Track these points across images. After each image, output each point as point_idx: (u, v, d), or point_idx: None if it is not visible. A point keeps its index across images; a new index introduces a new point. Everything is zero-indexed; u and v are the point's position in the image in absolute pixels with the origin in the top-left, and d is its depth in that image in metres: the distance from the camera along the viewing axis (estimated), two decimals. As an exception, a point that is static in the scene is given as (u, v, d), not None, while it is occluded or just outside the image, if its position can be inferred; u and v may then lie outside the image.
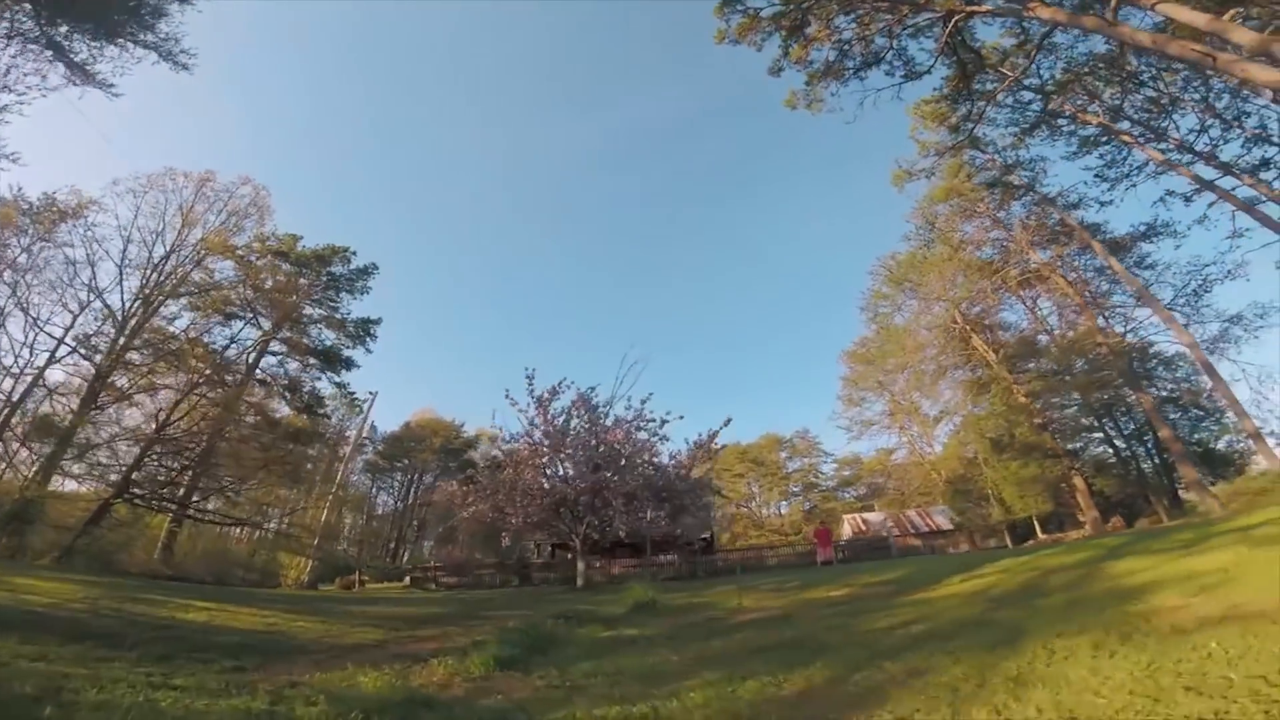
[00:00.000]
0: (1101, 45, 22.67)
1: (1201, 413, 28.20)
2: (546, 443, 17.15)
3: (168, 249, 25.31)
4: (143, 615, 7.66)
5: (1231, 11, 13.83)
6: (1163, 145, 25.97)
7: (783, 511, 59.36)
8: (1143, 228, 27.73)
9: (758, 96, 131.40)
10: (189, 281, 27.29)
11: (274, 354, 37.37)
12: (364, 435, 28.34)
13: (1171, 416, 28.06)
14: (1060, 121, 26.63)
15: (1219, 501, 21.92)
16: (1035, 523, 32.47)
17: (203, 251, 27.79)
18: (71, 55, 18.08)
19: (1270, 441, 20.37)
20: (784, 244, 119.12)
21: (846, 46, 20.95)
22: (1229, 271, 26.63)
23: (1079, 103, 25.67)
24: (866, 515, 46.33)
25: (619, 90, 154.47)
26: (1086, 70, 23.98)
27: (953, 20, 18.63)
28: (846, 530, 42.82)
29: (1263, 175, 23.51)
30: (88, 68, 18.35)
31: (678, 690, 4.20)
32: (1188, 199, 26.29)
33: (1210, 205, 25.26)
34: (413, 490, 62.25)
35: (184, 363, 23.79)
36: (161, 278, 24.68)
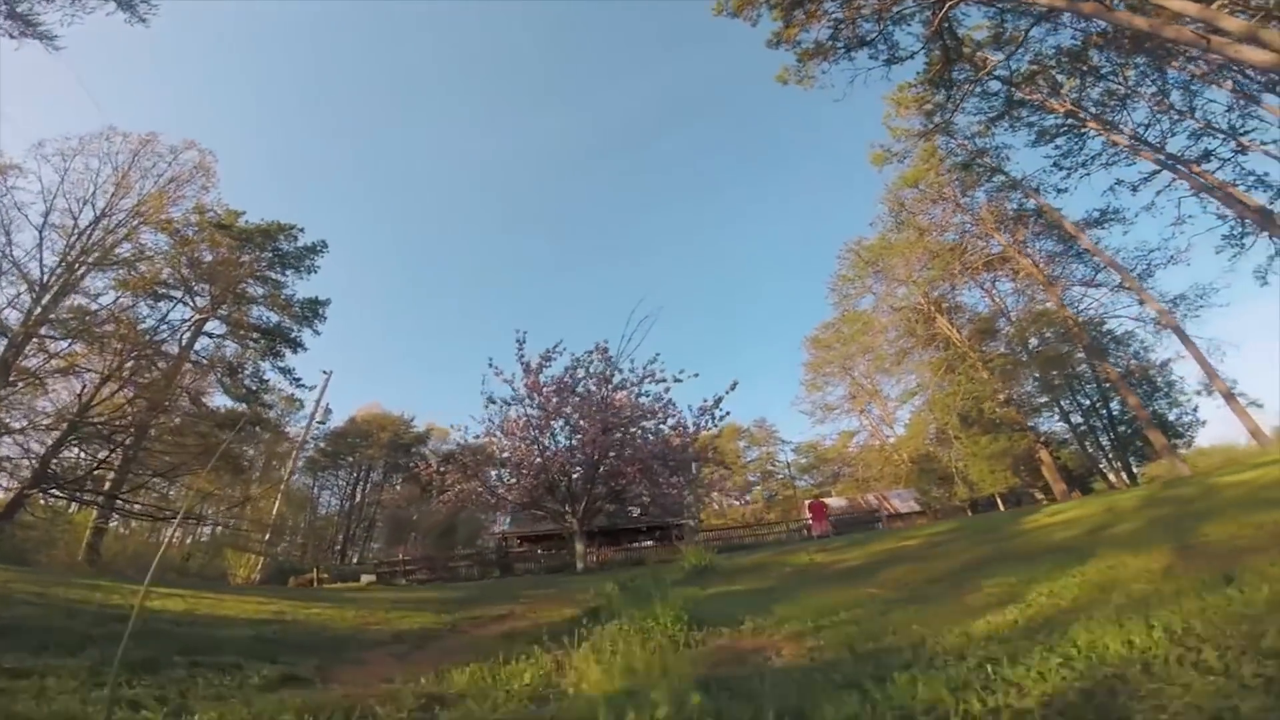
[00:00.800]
0: (1068, 39, 23.56)
1: (1151, 386, 29.61)
2: (537, 413, 15.63)
3: (97, 214, 22.08)
4: (83, 602, 5.76)
5: (1219, 1, 14.61)
6: (1114, 137, 26.93)
7: (744, 501, 59.30)
8: (1096, 214, 28.87)
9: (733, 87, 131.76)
10: (115, 255, 23.94)
11: (211, 335, 34.12)
12: (318, 417, 25.58)
13: (1131, 388, 29.38)
14: (1022, 111, 27.37)
15: (1187, 466, 22.88)
16: (999, 500, 33.39)
17: (136, 220, 24.55)
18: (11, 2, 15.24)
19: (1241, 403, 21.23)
20: (746, 238, 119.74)
21: (838, 26, 20.98)
22: (1171, 256, 28.09)
23: (1042, 94, 26.33)
24: (826, 500, 46.94)
25: (599, 77, 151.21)
26: (1052, 63, 24.79)
27: (946, 5, 18.67)
28: (808, 513, 43.09)
29: (1205, 166, 24.72)
30: (29, 17, 15.51)
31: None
32: (1134, 188, 27.51)
33: (1158, 193, 26.40)
34: (359, 489, 58.49)
35: (108, 342, 20.72)
36: (88, 244, 21.47)
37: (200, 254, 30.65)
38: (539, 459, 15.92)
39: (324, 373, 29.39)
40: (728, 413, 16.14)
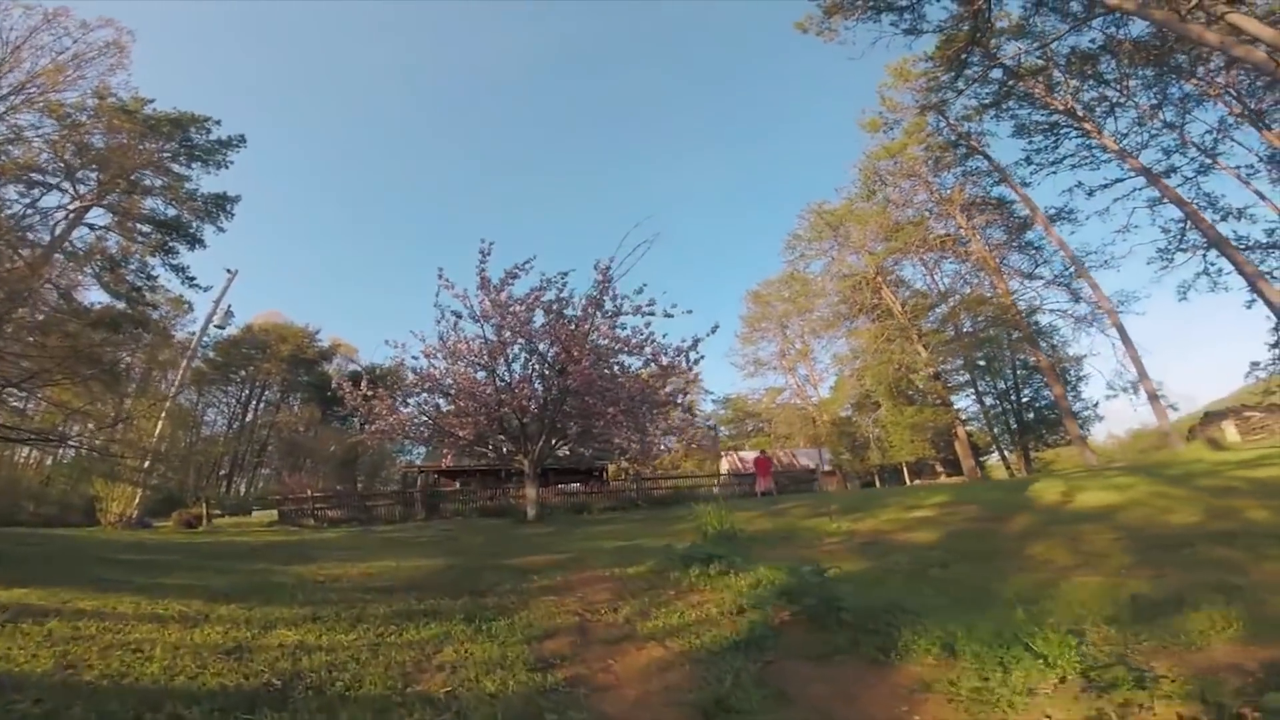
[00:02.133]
0: (1086, 42, 23.75)
1: (1064, 378, 31.40)
2: (494, 335, 13.18)
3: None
4: None
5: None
6: (1104, 139, 27.16)
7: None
8: (1053, 211, 29.52)
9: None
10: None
11: (93, 226, 28.52)
12: (216, 320, 21.36)
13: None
14: (1011, 103, 27.26)
15: (1095, 455, 24.30)
16: (904, 470, 34.87)
17: (18, 98, 19.90)
18: None
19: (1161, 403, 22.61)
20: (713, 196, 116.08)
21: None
22: (1105, 261, 29.43)
23: (1042, 89, 26.09)
24: (742, 454, 47.59)
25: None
26: (1061, 62, 24.72)
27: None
28: (725, 466, 43.43)
29: (1168, 180, 25.45)
30: None
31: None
32: (1091, 192, 28.43)
33: (1115, 200, 27.12)
34: (252, 408, 52.46)
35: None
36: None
37: (90, 138, 26.35)
38: (491, 390, 13.60)
39: (228, 271, 24.75)
40: (702, 356, 14.45)
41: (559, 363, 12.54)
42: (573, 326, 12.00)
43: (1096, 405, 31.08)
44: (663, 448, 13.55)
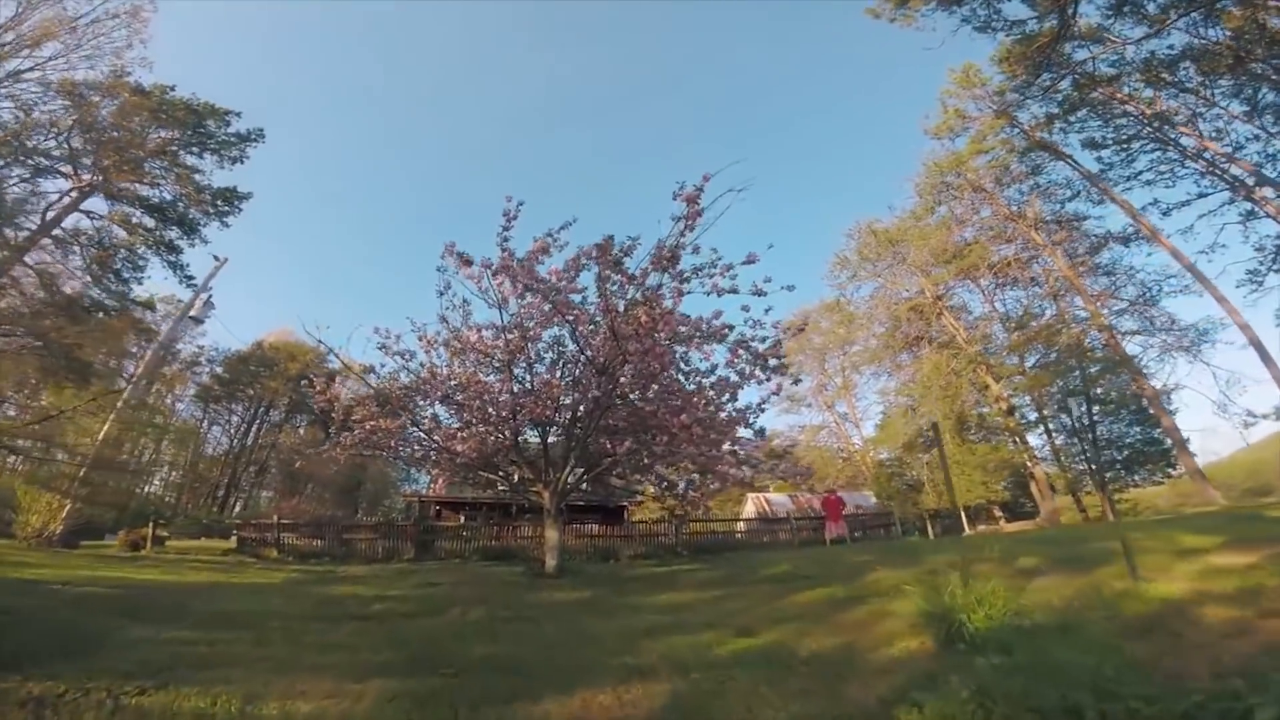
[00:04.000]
0: (1165, 48, 21.27)
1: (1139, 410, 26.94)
2: (519, 326, 9.39)
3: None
4: None
5: None
6: (1206, 142, 23.80)
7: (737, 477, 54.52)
8: (1131, 230, 25.77)
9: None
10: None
11: (90, 213, 26.07)
12: (195, 310, 17.87)
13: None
14: (1077, 115, 24.25)
15: (1219, 493, 19.79)
16: (963, 514, 30.06)
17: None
18: None
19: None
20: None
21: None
22: (1185, 286, 25.46)
23: (1124, 96, 22.96)
24: (769, 496, 42.77)
25: None
26: (1140, 69, 22.00)
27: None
28: (750, 509, 38.73)
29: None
30: None
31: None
32: (1166, 212, 24.96)
33: (1200, 217, 23.45)
34: (255, 427, 48.91)
35: None
36: None
37: (98, 117, 23.75)
38: (505, 395, 9.72)
39: (216, 259, 21.49)
40: (782, 360, 10.28)
41: (606, 355, 8.63)
42: (635, 294, 7.98)
43: (1187, 440, 26.54)
44: (736, 477, 9.40)
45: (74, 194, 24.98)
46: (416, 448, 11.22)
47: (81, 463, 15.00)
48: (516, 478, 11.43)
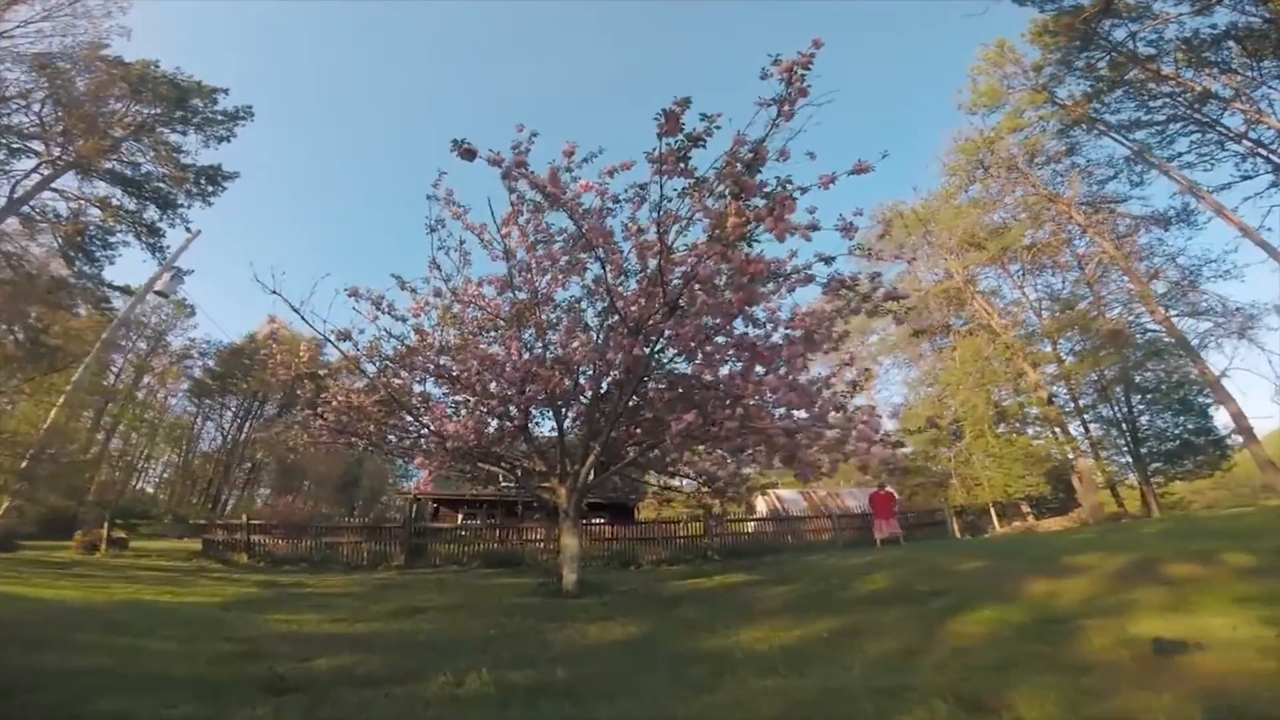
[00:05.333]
0: (1207, 27, 19.50)
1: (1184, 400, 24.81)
2: (535, 273, 7.18)
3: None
4: None
5: None
6: (1208, 135, 22.24)
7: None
8: (1172, 211, 23.75)
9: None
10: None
11: (64, 192, 23.98)
12: (161, 284, 15.53)
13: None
14: (1113, 96, 22.59)
15: None
16: (992, 512, 27.94)
17: None
18: None
19: None
20: None
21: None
22: (1226, 271, 23.47)
23: (1173, 74, 21.17)
24: (780, 493, 40.44)
25: None
26: (1181, 48, 20.34)
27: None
28: (761, 508, 36.45)
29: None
30: None
31: None
32: (1186, 209, 23.30)
33: (1245, 200, 21.59)
34: (249, 422, 46.61)
35: None
36: None
37: (74, 89, 21.86)
38: (510, 366, 7.50)
39: (188, 231, 19.34)
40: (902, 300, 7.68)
41: (652, 301, 6.36)
42: (718, 197, 5.55)
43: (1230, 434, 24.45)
44: (819, 466, 7.12)
45: (45, 170, 22.81)
46: (404, 434, 8.99)
47: (20, 453, 12.75)
48: (522, 471, 9.22)
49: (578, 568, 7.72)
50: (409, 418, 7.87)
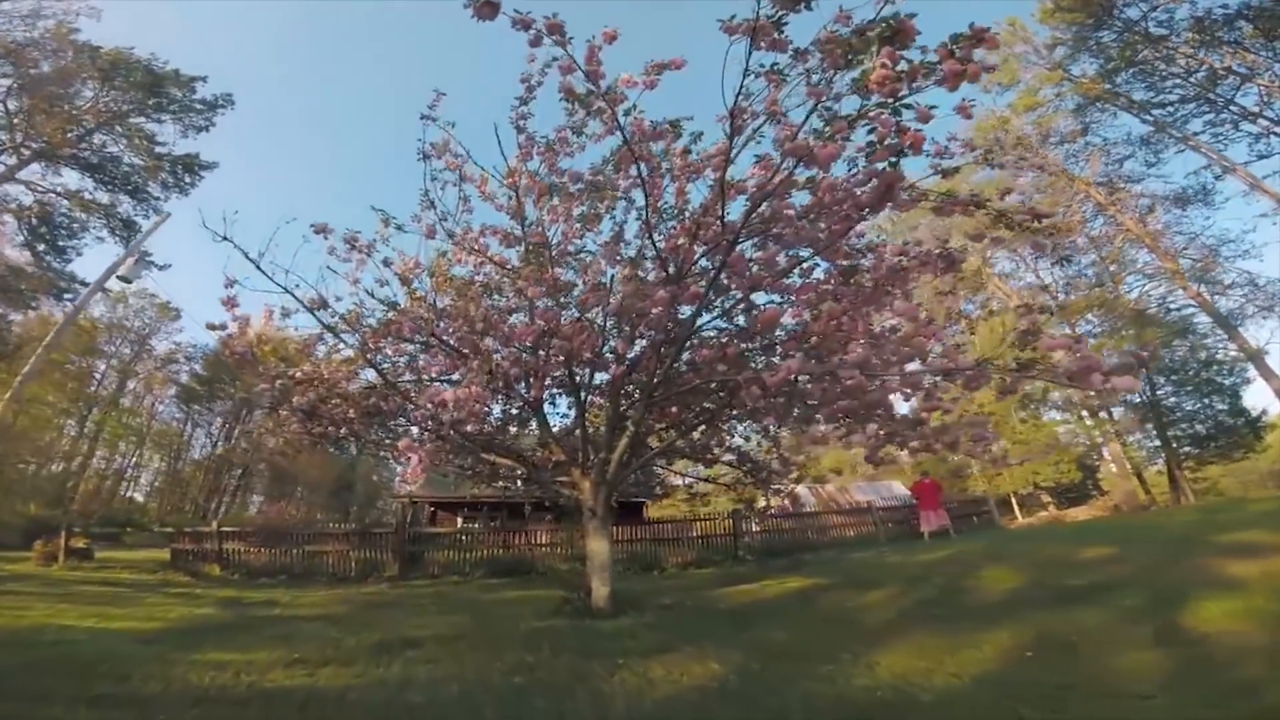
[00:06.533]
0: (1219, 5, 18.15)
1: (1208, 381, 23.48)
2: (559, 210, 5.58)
3: None
4: None
5: None
6: (1222, 115, 21.27)
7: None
8: (1193, 190, 22.61)
9: None
10: None
11: (30, 184, 22.36)
12: (124, 270, 13.57)
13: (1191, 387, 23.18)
14: (1120, 77, 21.64)
15: None
16: (1014, 502, 26.53)
17: None
18: None
19: None
20: None
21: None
22: (1245, 251, 22.34)
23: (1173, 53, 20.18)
24: (751, 498, 38.97)
25: None
26: (1191, 27, 19.28)
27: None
28: (762, 503, 35.04)
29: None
30: None
31: None
32: (1218, 176, 22.20)
33: (1265, 177, 20.46)
34: (238, 428, 44.59)
35: None
36: None
37: (38, 68, 20.12)
38: (530, 320, 5.90)
39: (156, 213, 17.64)
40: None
41: (718, 227, 4.76)
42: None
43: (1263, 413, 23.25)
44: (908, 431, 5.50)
45: (9, 160, 21.01)
46: (390, 418, 7.34)
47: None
48: (532, 465, 7.58)
49: (610, 579, 6.11)
50: (397, 398, 6.21)
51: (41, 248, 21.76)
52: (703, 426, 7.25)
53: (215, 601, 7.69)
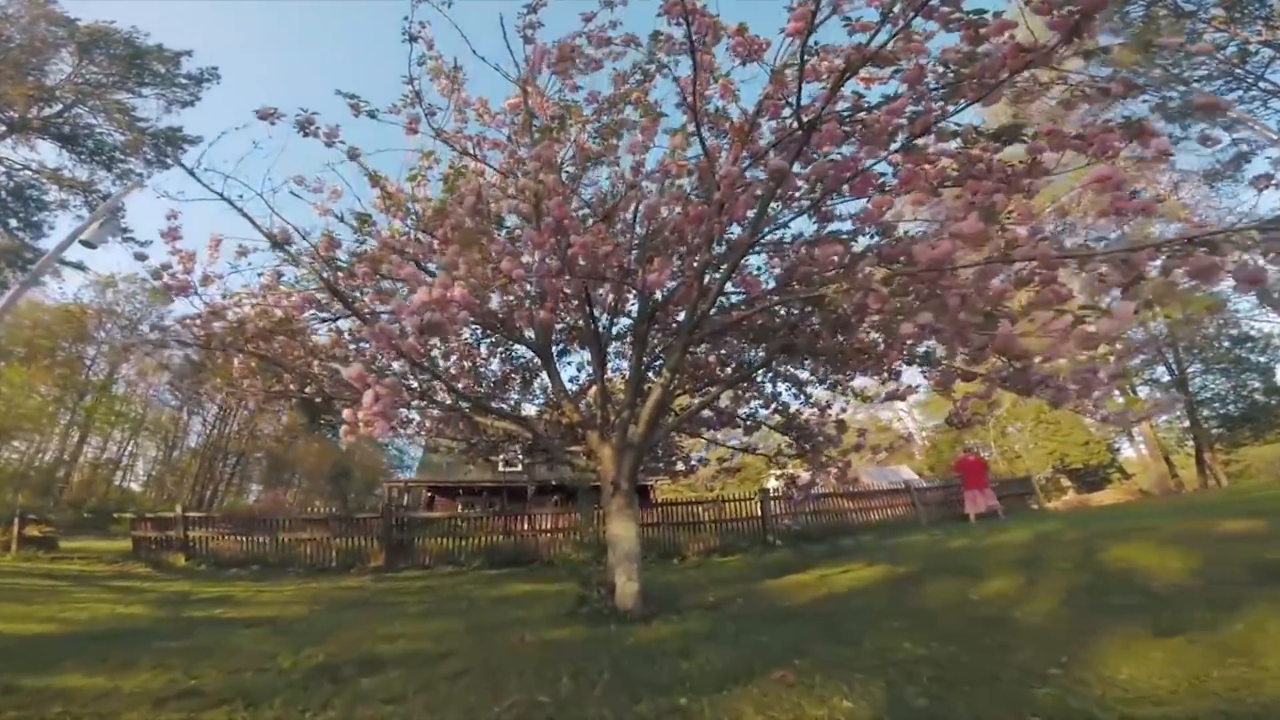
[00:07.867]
0: None
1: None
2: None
3: None
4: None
5: None
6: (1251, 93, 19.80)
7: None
8: (1221, 165, 21.25)
9: None
10: None
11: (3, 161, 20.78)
12: (88, 236, 12.00)
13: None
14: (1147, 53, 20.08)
15: None
16: (1035, 485, 25.17)
17: None
18: None
19: None
20: None
21: None
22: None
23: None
24: (793, 473, 37.77)
25: None
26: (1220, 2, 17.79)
27: None
28: (771, 485, 33.83)
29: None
30: None
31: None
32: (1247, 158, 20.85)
33: None
34: (233, 414, 43.07)
35: None
36: None
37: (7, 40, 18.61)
38: (544, 228, 4.42)
39: (126, 178, 16.03)
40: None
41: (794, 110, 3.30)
42: None
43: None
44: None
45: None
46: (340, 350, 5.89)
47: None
48: (535, 432, 6.09)
49: (638, 572, 4.68)
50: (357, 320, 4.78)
51: (13, 223, 20.25)
52: (744, 383, 5.82)
53: (156, 598, 6.27)
